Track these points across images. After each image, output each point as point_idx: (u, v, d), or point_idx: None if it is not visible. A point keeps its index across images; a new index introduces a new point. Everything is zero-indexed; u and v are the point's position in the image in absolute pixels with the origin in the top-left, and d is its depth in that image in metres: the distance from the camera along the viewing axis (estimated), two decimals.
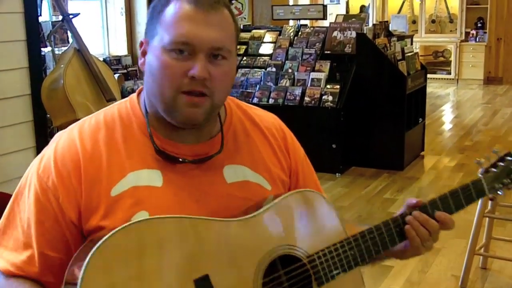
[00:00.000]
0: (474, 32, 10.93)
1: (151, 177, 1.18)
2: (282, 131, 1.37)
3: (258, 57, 5.83)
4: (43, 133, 3.84)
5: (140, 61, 1.22)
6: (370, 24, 6.56)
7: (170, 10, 1.15)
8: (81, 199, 1.16)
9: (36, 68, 3.90)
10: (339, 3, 11.11)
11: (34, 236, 1.17)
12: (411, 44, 6.40)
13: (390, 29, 6.21)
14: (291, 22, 6.60)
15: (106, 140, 1.20)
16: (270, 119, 1.38)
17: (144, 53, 1.20)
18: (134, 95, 1.27)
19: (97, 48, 5.92)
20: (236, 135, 1.29)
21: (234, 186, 1.24)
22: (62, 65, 3.63)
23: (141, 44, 1.22)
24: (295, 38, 5.83)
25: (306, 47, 5.68)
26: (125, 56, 5.99)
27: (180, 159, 1.20)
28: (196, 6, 1.13)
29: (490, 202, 3.29)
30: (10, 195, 1.24)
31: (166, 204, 1.17)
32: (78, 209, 1.16)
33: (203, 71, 1.12)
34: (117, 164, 1.18)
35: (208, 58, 1.14)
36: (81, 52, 3.70)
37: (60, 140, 1.22)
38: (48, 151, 1.21)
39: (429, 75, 6.97)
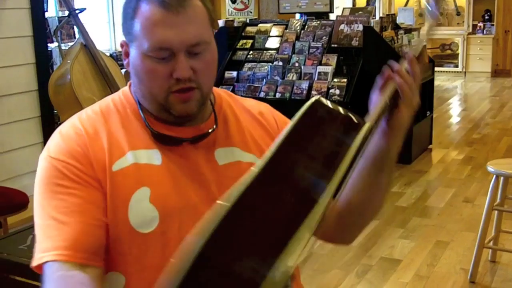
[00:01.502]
0: (481, 24, 10.88)
1: (150, 156, 1.21)
2: (272, 114, 1.38)
3: (265, 51, 5.82)
4: (50, 129, 3.85)
5: (124, 62, 1.24)
6: (377, 17, 6.53)
7: (142, 16, 1.17)
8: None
9: (43, 63, 3.91)
10: None
11: (77, 214, 1.15)
12: (418, 37, 6.36)
13: (397, 22, 6.18)
14: (297, 16, 6.58)
15: (105, 125, 1.22)
16: (262, 106, 1.40)
17: (126, 54, 1.23)
18: (126, 88, 1.30)
19: (103, 43, 5.92)
20: (226, 120, 1.31)
21: (225, 168, 1.26)
22: (68, 61, 3.64)
23: (122, 45, 1.24)
24: (302, 31, 5.81)
25: (313, 41, 5.66)
26: None
27: (179, 139, 1.23)
28: (165, 9, 1.14)
29: (499, 195, 3.28)
30: (18, 191, 1.23)
31: (166, 182, 1.20)
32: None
33: (186, 71, 1.15)
34: (117, 144, 1.20)
35: (189, 54, 1.16)
36: (88, 47, 3.70)
37: (62, 128, 1.24)
38: (54, 139, 1.22)
39: (436, 68, 6.94)
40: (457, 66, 11.04)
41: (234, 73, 5.71)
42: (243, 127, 1.32)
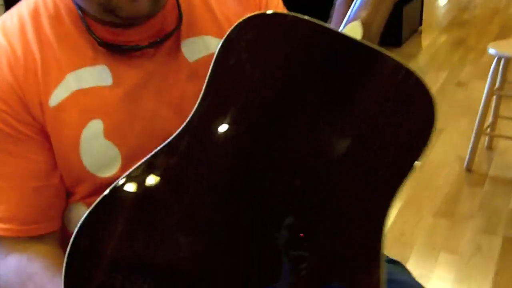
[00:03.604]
0: None
1: (96, 76, 0.92)
2: None
3: None
4: None
5: None
6: None
7: None
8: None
9: None
10: None
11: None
12: None
13: None
14: None
15: (36, 35, 0.92)
16: None
17: None
18: None
19: None
20: (192, 6, 1.01)
21: (198, 64, 0.97)
22: None
23: None
24: None
25: None
26: None
27: (133, 47, 0.94)
28: None
29: (498, 79, 3.07)
30: None
31: (122, 107, 0.92)
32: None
33: None
34: (53, 64, 0.91)
35: None
36: None
37: None
38: None
39: None
40: None
41: None
42: (212, 6, 1.02)
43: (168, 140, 0.81)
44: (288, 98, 0.82)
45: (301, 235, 0.76)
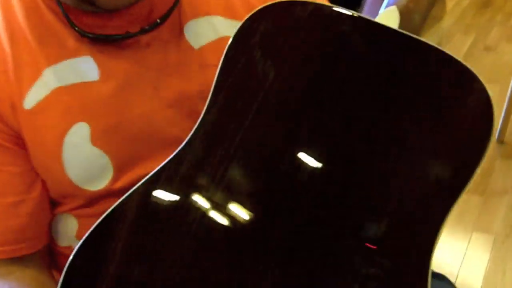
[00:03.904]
0: None
1: (80, 70, 0.78)
2: None
3: None
4: None
5: None
6: None
7: None
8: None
9: None
10: None
11: None
12: None
13: None
14: None
15: (6, 25, 0.79)
16: None
17: None
18: None
19: None
20: None
21: (205, 51, 0.83)
22: None
23: None
24: None
25: None
26: None
27: (122, 35, 0.80)
28: None
29: None
30: None
31: (110, 105, 0.79)
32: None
33: None
34: (27, 59, 0.78)
35: None
36: None
37: None
38: None
39: None
40: None
41: None
42: None
43: (180, 148, 0.69)
44: (316, 95, 0.71)
45: (374, 247, 0.68)
